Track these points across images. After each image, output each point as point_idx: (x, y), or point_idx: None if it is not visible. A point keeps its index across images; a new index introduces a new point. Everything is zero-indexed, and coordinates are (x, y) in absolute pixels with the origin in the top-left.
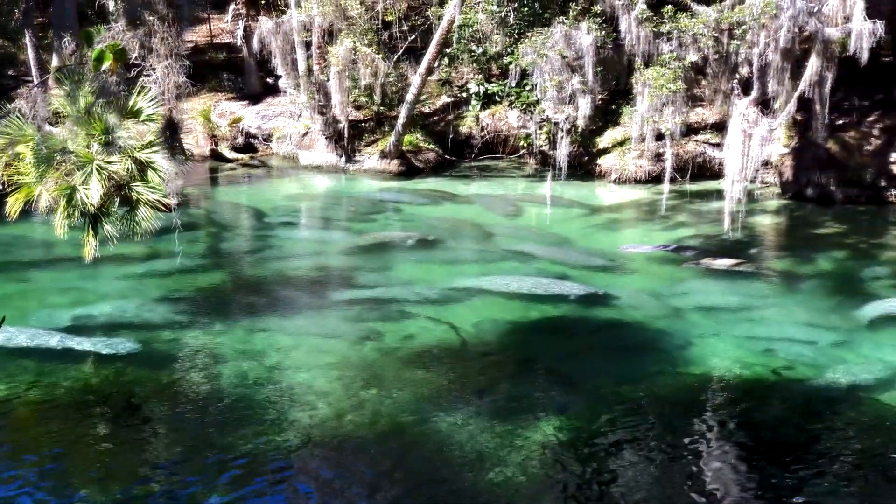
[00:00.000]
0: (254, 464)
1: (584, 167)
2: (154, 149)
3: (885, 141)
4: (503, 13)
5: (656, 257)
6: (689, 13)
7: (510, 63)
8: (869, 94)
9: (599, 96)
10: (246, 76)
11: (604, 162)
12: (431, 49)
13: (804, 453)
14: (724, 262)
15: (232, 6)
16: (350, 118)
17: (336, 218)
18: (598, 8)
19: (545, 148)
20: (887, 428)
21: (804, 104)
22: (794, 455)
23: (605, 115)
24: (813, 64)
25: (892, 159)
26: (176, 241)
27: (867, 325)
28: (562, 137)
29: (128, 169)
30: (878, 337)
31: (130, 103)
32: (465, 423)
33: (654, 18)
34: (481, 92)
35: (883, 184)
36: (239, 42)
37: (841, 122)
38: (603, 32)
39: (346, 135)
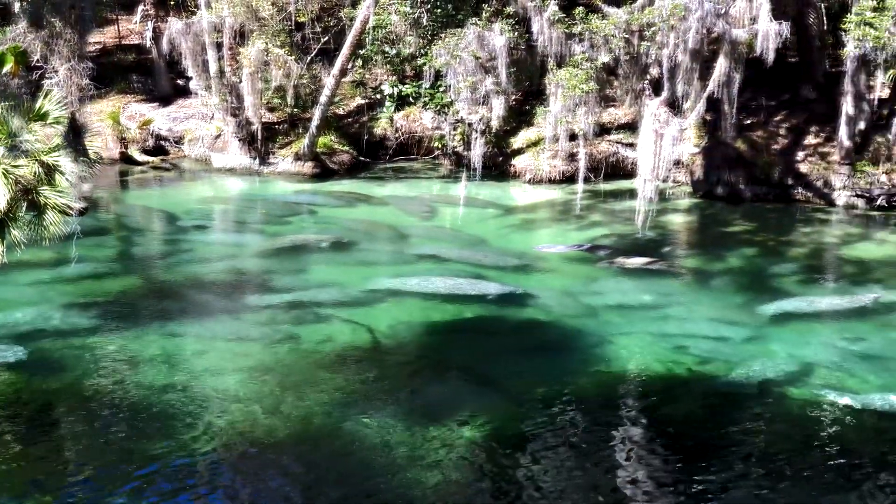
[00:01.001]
0: (166, 470)
1: (498, 168)
2: (60, 152)
3: (791, 140)
4: (416, 14)
5: (571, 257)
6: (600, 15)
7: (424, 64)
8: (776, 94)
9: (513, 97)
10: (156, 78)
11: (518, 162)
12: (345, 50)
13: (717, 447)
14: (637, 261)
15: (141, 7)
16: (263, 120)
17: (250, 221)
18: (510, 9)
19: (460, 149)
20: (794, 420)
21: (713, 104)
22: (708, 449)
23: (519, 116)
24: (721, 64)
25: (798, 158)
26: (74, 247)
27: (775, 321)
28: (476, 138)
29: (35, 173)
30: (786, 332)
31: (37, 106)
32: (381, 425)
33: (566, 20)
34: (395, 93)
35: (790, 182)
36: (148, 43)
37: (749, 121)
38: (516, 34)
39: (259, 137)
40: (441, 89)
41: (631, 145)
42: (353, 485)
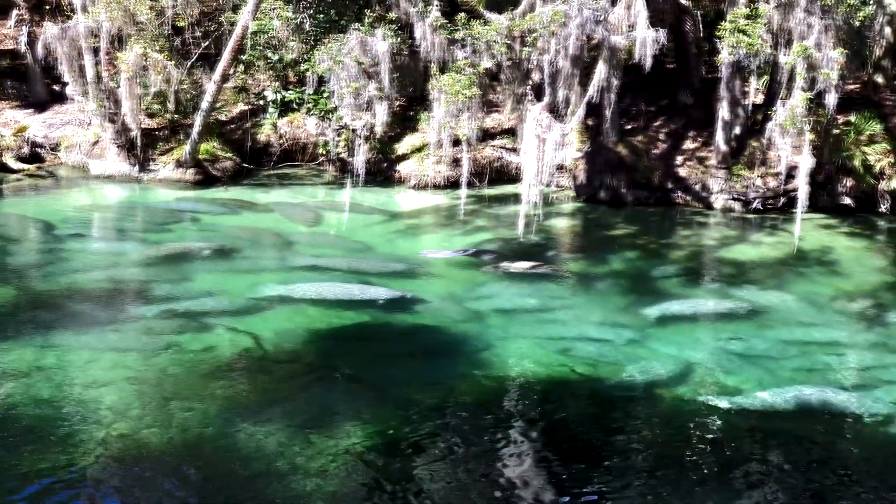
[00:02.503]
0: (44, 485)
1: (383, 173)
2: None
3: (670, 145)
4: (299, 20)
5: (456, 262)
6: (482, 21)
7: (307, 70)
8: (655, 99)
9: (397, 103)
10: (31, 83)
11: (403, 168)
12: (226, 56)
13: (603, 449)
14: (521, 265)
15: (15, 11)
16: (143, 126)
17: (130, 229)
18: (393, 15)
19: (344, 155)
20: (677, 420)
21: (595, 109)
22: (593, 451)
23: (404, 122)
24: (601, 70)
25: (677, 162)
26: None
27: (658, 323)
28: (360, 144)
29: None
30: (668, 334)
31: None
32: (267, 434)
33: (449, 26)
34: (278, 99)
35: (670, 186)
36: (23, 48)
37: (630, 126)
38: (398, 39)
39: (138, 143)
40: (325, 95)
41: (514, 150)
42: (237, 495)
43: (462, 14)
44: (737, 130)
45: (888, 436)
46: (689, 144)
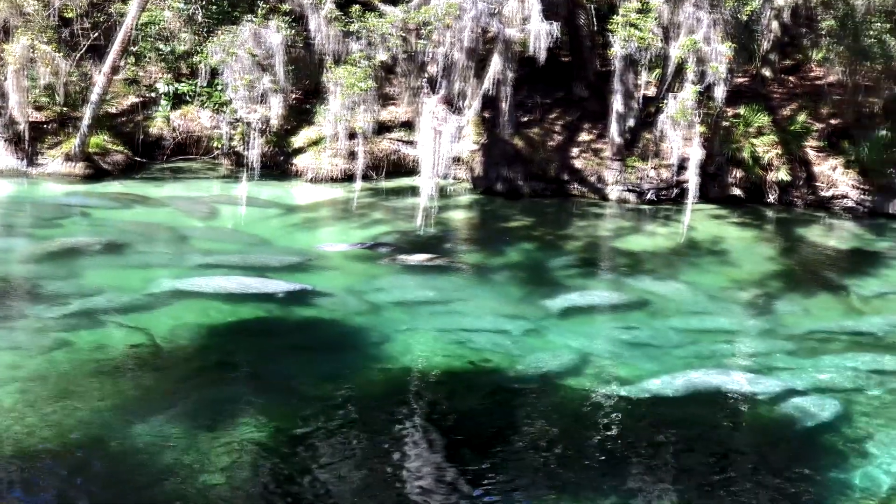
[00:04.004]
0: None
1: (279, 167)
2: None
3: (566, 137)
4: (191, 11)
5: (353, 255)
6: (376, 13)
7: (199, 62)
8: (550, 92)
9: (293, 96)
10: None
11: (299, 161)
12: (116, 47)
13: (501, 439)
14: (419, 258)
15: None
16: (31, 119)
17: (17, 224)
18: (287, 7)
19: (239, 148)
20: (576, 410)
21: (491, 102)
22: (492, 442)
23: (300, 115)
24: (495, 63)
25: (573, 154)
26: None
27: (555, 314)
28: (255, 137)
29: None
30: (565, 324)
31: None
32: (164, 432)
33: (343, 18)
34: (171, 92)
35: (566, 177)
36: None
37: (526, 119)
38: (293, 31)
39: (26, 137)
40: (218, 87)
41: (411, 143)
42: (135, 495)
43: (357, 6)
44: (630, 123)
45: (774, 419)
46: (584, 136)
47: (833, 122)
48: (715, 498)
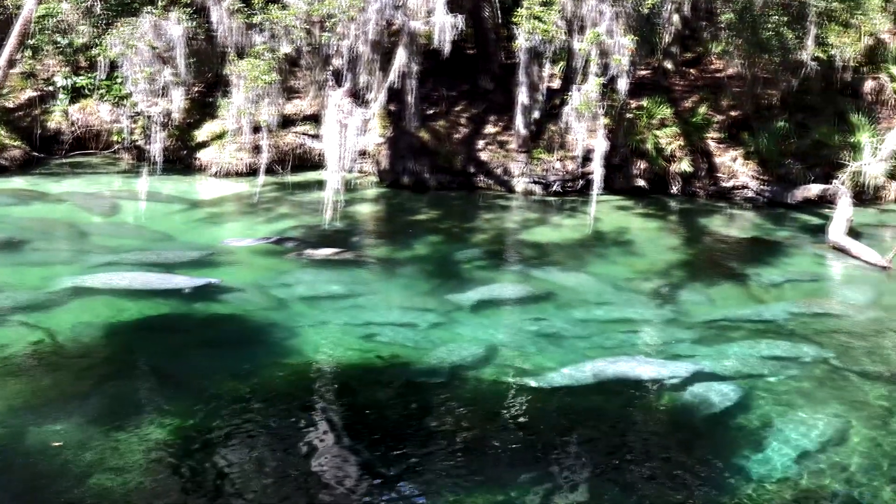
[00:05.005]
0: None
1: (183, 161)
2: None
3: (472, 129)
4: (89, 2)
5: (259, 250)
6: (280, 5)
7: (98, 55)
8: (456, 84)
9: (195, 88)
10: None
11: (203, 155)
12: (12, 40)
13: (413, 434)
14: (325, 252)
15: None
16: None
17: None
18: None
19: (141, 142)
20: (486, 401)
21: (397, 95)
22: (404, 436)
23: (203, 108)
24: (400, 56)
25: (479, 146)
26: None
27: (463, 307)
28: (156, 131)
29: None
30: (473, 317)
31: None
32: (64, 432)
33: (246, 9)
34: (69, 85)
35: (472, 170)
36: None
37: (432, 111)
38: (194, 23)
39: None
40: (118, 81)
41: (317, 137)
42: (34, 496)
43: None
44: (536, 115)
45: (678, 406)
46: (490, 129)
47: (733, 113)
48: (621, 485)
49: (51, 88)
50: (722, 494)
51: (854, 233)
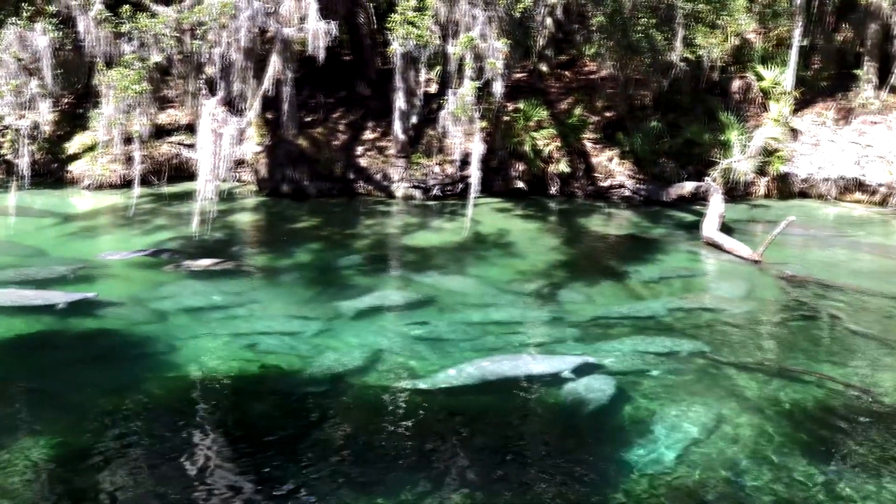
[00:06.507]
0: None
1: (54, 174)
2: None
3: (350, 136)
4: None
5: (137, 263)
6: (149, 13)
7: None
8: (333, 91)
9: (65, 100)
10: None
11: (75, 168)
12: None
13: (299, 442)
14: (204, 263)
15: None
16: None
17: None
18: (53, 8)
19: (10, 156)
20: (372, 407)
21: (273, 102)
22: (290, 445)
23: (73, 120)
24: (274, 63)
25: (358, 153)
26: None
27: (345, 314)
28: (24, 144)
29: None
30: (356, 324)
31: None
32: None
33: (114, 18)
34: None
35: (352, 176)
36: None
37: (310, 118)
38: (61, 33)
39: None
40: None
41: (192, 146)
42: None
43: (127, 6)
44: (414, 120)
45: (562, 403)
46: (368, 135)
47: (608, 114)
48: (509, 483)
49: None
50: (608, 488)
51: (727, 228)
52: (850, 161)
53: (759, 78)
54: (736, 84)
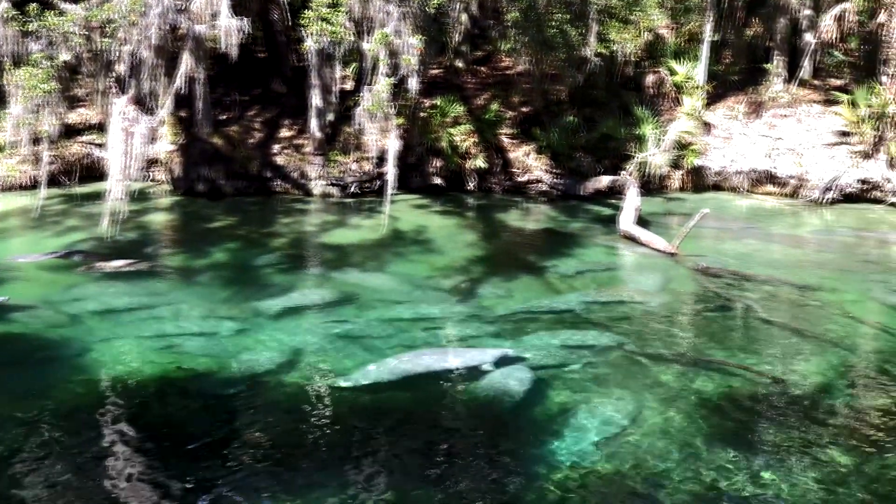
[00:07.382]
0: None
1: None
2: None
3: (266, 134)
4: None
5: (48, 265)
6: (57, 11)
7: None
8: (248, 88)
9: None
10: None
11: None
12: None
13: (220, 445)
14: (116, 264)
15: None
16: None
17: None
18: None
19: None
20: (291, 407)
21: (187, 101)
22: (209, 448)
23: None
24: (186, 61)
25: (274, 151)
26: None
27: (264, 313)
28: None
29: None
30: (275, 323)
31: None
32: None
33: (21, 17)
34: None
35: (268, 174)
36: None
37: (224, 116)
38: None
39: None
40: None
41: (104, 146)
42: None
43: (35, 4)
44: (330, 117)
45: (483, 397)
46: (284, 133)
47: (524, 109)
48: (431, 480)
49: None
50: (529, 482)
51: (643, 221)
52: (761, 154)
53: (672, 73)
54: (650, 79)
